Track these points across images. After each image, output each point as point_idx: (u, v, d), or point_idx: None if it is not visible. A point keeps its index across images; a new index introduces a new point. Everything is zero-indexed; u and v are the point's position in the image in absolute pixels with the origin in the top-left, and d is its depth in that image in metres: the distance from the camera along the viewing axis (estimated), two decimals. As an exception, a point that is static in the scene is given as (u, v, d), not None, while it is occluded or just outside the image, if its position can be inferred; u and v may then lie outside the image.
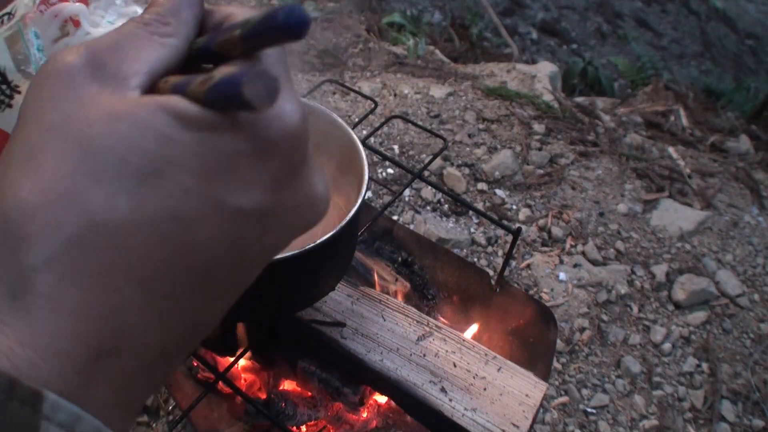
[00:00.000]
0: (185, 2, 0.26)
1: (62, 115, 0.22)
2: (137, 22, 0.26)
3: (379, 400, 0.87)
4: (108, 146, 0.21)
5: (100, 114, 0.22)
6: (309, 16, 0.22)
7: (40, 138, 0.22)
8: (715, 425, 1.39)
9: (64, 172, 0.21)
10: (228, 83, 0.21)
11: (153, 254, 0.22)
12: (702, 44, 4.04)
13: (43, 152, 0.22)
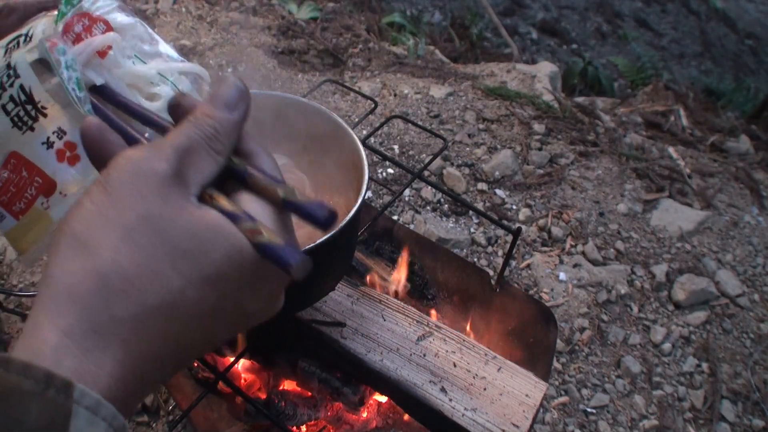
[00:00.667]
0: (235, 128, 0.34)
1: (155, 211, 0.29)
2: (202, 133, 0.33)
3: (379, 400, 0.87)
4: (187, 248, 0.29)
5: (187, 223, 0.30)
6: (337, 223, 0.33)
7: (137, 222, 0.29)
8: (715, 425, 1.38)
9: (156, 258, 0.29)
10: (278, 254, 0.30)
11: (194, 329, 0.31)
12: (702, 44, 4.04)
13: (139, 235, 0.29)
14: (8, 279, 1.45)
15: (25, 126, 0.42)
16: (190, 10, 2.27)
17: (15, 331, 1.36)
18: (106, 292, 0.28)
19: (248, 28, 2.27)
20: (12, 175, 0.42)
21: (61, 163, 0.42)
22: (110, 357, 0.28)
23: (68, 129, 0.42)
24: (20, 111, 0.42)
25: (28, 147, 0.42)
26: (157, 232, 0.29)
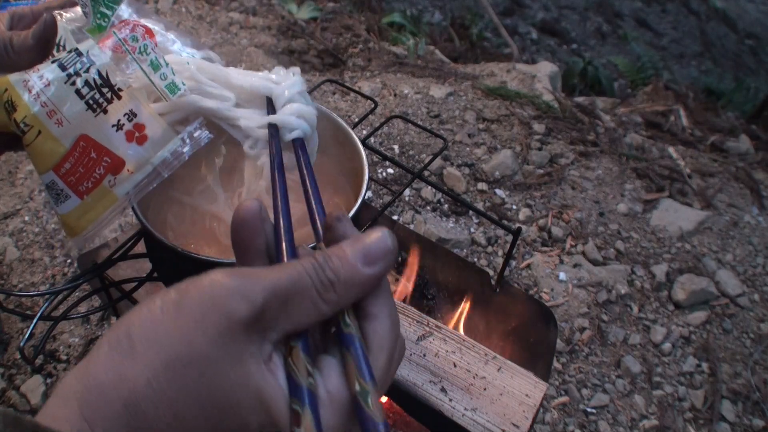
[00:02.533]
0: (363, 283, 0.31)
1: (212, 353, 0.28)
2: (315, 273, 0.30)
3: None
4: (224, 406, 0.28)
5: (233, 378, 0.28)
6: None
7: (188, 358, 0.28)
8: (715, 425, 1.38)
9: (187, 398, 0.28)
10: None
11: None
12: (702, 44, 4.04)
13: (184, 369, 0.28)
14: (8, 279, 1.45)
15: (99, 108, 0.44)
16: (190, 10, 2.27)
17: (15, 331, 1.36)
18: (132, 413, 0.27)
19: (248, 28, 2.27)
20: (81, 157, 0.44)
21: (130, 143, 0.44)
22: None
23: (138, 111, 0.44)
24: (96, 94, 0.43)
25: (99, 130, 0.44)
26: (203, 376, 0.28)
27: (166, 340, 0.28)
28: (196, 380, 0.28)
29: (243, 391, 0.28)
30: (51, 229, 1.55)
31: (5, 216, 1.57)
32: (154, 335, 0.28)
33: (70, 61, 0.44)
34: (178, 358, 0.28)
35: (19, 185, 1.65)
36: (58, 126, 0.44)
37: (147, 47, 0.46)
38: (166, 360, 0.28)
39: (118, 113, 0.44)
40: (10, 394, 1.27)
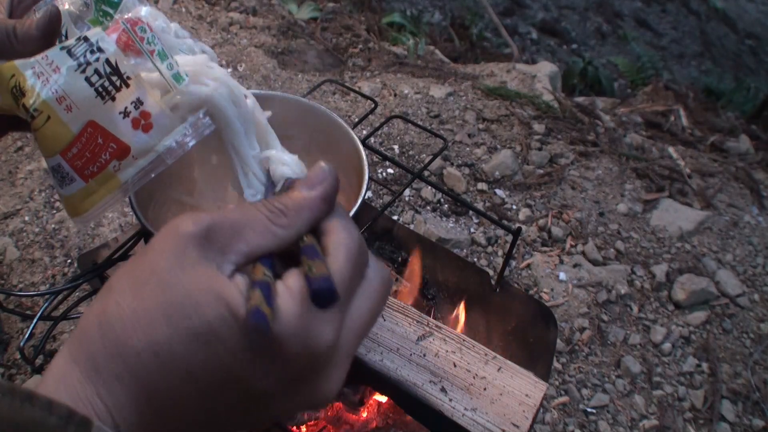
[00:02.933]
0: (310, 206, 0.34)
1: (166, 266, 0.31)
2: (265, 208, 0.34)
3: (379, 400, 0.87)
4: (184, 307, 0.30)
5: (190, 280, 0.30)
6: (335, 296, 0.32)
7: (148, 275, 0.31)
8: (715, 425, 1.38)
9: (151, 308, 0.30)
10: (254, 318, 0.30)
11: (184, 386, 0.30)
12: (702, 44, 4.04)
13: (145, 286, 0.31)
14: (8, 279, 1.45)
15: (108, 96, 0.45)
16: (190, 10, 2.27)
17: (15, 331, 1.36)
18: (103, 331, 0.30)
19: (248, 28, 2.27)
20: (88, 142, 0.46)
21: (136, 130, 0.46)
22: (104, 387, 0.30)
23: (145, 99, 0.46)
24: (105, 82, 0.45)
25: (106, 116, 0.46)
26: (161, 284, 0.30)
27: (131, 271, 0.32)
28: (155, 289, 0.30)
29: (201, 292, 0.30)
30: (51, 229, 1.55)
31: (5, 216, 1.57)
32: (123, 273, 0.32)
33: (80, 50, 0.45)
34: (140, 276, 0.31)
35: (19, 185, 1.65)
36: (68, 112, 0.45)
37: (154, 38, 0.48)
38: (131, 281, 0.31)
39: (125, 101, 0.46)
40: (10, 394, 1.27)
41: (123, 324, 0.30)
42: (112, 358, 0.30)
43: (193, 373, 0.30)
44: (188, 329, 0.30)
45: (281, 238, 0.33)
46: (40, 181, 1.65)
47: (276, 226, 0.33)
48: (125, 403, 0.30)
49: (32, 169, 1.69)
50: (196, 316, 0.30)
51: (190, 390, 0.31)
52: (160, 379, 0.30)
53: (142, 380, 0.30)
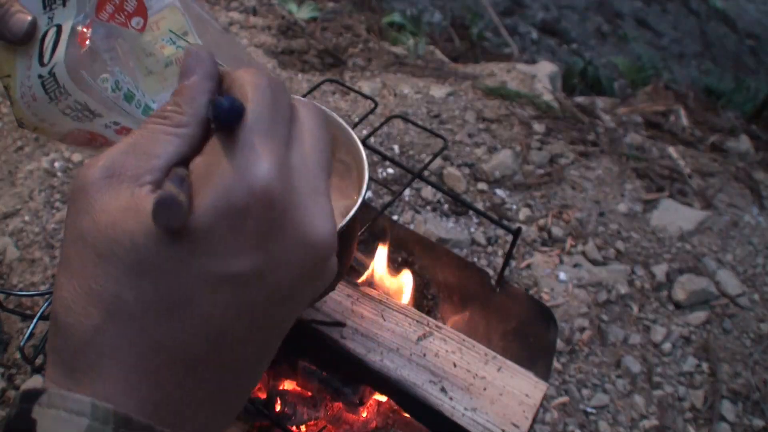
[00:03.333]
0: (199, 89, 0.30)
1: (83, 226, 0.27)
2: (155, 117, 0.30)
3: (379, 400, 0.87)
4: (110, 249, 0.26)
5: (105, 221, 0.27)
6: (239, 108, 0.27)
7: (71, 247, 0.28)
8: (715, 425, 1.38)
9: (86, 274, 0.27)
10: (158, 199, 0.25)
11: (162, 330, 0.26)
12: (702, 44, 4.04)
13: (72, 259, 0.27)
14: (8, 279, 1.45)
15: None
16: (190, 10, 2.27)
17: (15, 331, 1.36)
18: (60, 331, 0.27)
19: (248, 28, 2.27)
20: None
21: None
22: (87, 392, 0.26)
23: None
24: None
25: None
26: (85, 246, 0.27)
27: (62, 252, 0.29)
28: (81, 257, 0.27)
29: (119, 223, 0.26)
30: (51, 229, 1.55)
31: (5, 216, 1.57)
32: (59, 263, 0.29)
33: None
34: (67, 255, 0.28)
35: (19, 185, 1.65)
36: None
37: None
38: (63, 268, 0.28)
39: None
40: (10, 394, 1.27)
41: (71, 311, 0.26)
42: (78, 354, 0.26)
43: (161, 310, 0.26)
44: (124, 268, 0.26)
45: (187, 135, 0.29)
46: (40, 181, 1.65)
47: (175, 125, 0.29)
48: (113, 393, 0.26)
49: (32, 169, 1.69)
50: (122, 250, 0.26)
51: (172, 331, 0.26)
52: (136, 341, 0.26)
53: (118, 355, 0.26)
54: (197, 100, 0.30)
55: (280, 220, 0.27)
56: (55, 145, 1.76)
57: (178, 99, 0.30)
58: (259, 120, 0.27)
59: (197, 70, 0.31)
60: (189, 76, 0.30)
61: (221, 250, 0.26)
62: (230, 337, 0.28)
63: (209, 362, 0.28)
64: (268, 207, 0.26)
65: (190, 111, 0.30)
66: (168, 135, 0.29)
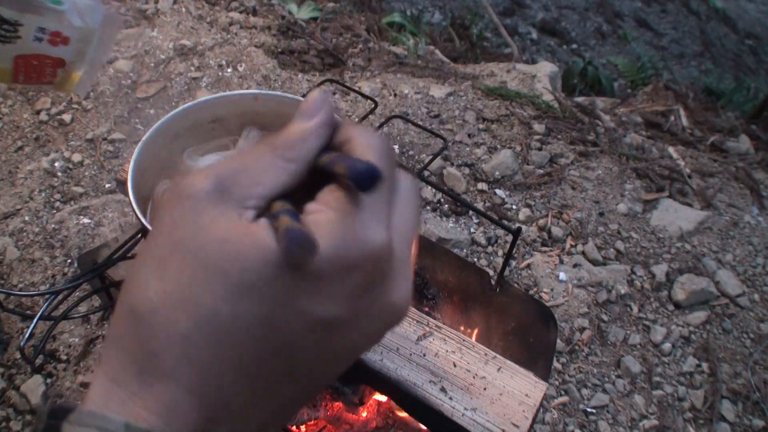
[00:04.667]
0: (314, 132, 0.32)
1: (186, 234, 0.28)
2: (269, 145, 0.31)
3: (379, 400, 0.87)
4: (218, 265, 0.27)
5: (215, 236, 0.27)
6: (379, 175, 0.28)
7: (168, 251, 0.28)
8: (715, 425, 1.38)
9: (183, 281, 0.27)
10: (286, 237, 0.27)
11: (249, 350, 0.27)
12: (702, 44, 4.04)
13: (169, 263, 0.28)
14: (8, 279, 1.45)
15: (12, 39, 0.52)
16: (190, 10, 2.27)
17: (15, 331, 1.36)
18: (139, 330, 0.27)
19: (248, 28, 2.27)
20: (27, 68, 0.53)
21: (55, 47, 0.54)
22: (156, 396, 0.27)
23: (46, 25, 0.53)
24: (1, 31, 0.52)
25: (25, 47, 0.53)
26: (187, 255, 0.27)
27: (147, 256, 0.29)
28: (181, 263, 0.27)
29: (231, 244, 0.27)
30: (51, 229, 1.55)
31: (5, 216, 1.57)
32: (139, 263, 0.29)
33: None
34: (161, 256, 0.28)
35: (19, 185, 1.65)
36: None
37: None
38: (153, 266, 0.28)
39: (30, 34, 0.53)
40: (10, 393, 1.27)
41: (158, 314, 0.27)
42: (158, 357, 0.27)
43: (254, 332, 0.27)
44: (230, 286, 0.27)
45: (294, 171, 0.31)
46: (40, 181, 1.65)
47: (286, 160, 0.31)
48: (181, 403, 0.27)
49: (32, 169, 1.69)
50: (234, 269, 0.27)
51: (258, 352, 0.27)
52: (220, 355, 0.27)
53: (198, 365, 0.27)
54: (311, 142, 0.32)
55: (379, 281, 0.29)
56: (55, 145, 1.76)
57: (293, 136, 0.32)
58: (383, 186, 0.30)
59: (319, 115, 0.32)
60: (310, 118, 0.32)
61: (326, 295, 0.28)
62: (302, 373, 0.30)
63: (275, 392, 0.29)
64: (374, 269, 0.29)
65: (303, 151, 0.31)
66: (278, 166, 0.30)
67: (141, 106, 1.88)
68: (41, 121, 1.81)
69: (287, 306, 0.27)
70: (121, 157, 1.75)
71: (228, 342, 0.27)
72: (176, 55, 2.04)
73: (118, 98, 1.88)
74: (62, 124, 1.81)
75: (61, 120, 1.81)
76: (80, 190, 1.64)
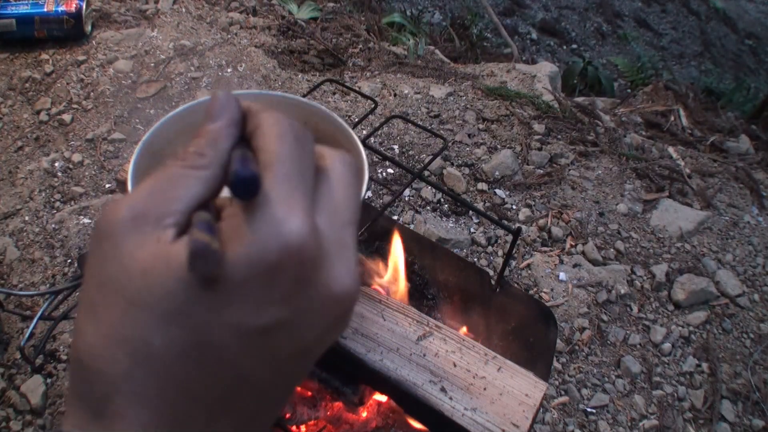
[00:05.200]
0: (221, 133, 0.31)
1: (111, 272, 0.28)
2: (175, 160, 0.30)
3: (379, 400, 0.87)
4: (141, 298, 0.27)
5: (136, 270, 0.27)
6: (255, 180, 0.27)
7: (98, 293, 0.28)
8: (715, 425, 1.38)
9: (114, 321, 0.27)
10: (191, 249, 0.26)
11: (191, 374, 0.27)
12: (702, 44, 4.04)
13: (100, 305, 0.28)
14: (8, 279, 1.45)
15: None
16: (190, 10, 2.27)
17: (15, 331, 1.36)
18: (87, 377, 0.27)
19: (248, 28, 2.27)
20: None
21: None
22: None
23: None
24: None
25: None
26: (114, 294, 0.27)
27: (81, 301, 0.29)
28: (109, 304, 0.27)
29: (148, 272, 0.27)
30: (51, 229, 1.55)
31: (5, 216, 1.57)
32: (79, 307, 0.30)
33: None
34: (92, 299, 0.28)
35: (19, 185, 1.65)
36: None
37: None
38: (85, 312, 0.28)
39: None
40: (10, 394, 1.27)
41: (99, 358, 0.27)
42: (106, 400, 0.27)
43: (189, 355, 0.27)
44: (156, 316, 0.26)
45: (209, 177, 0.30)
46: (40, 181, 1.65)
47: (197, 168, 0.29)
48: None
49: (32, 169, 1.69)
50: (155, 299, 0.26)
51: (200, 374, 0.27)
52: (164, 385, 0.27)
53: (146, 399, 0.27)
54: (220, 143, 0.30)
55: (310, 275, 0.28)
56: (55, 145, 1.76)
57: (201, 141, 0.30)
58: (286, 175, 0.28)
59: (224, 115, 0.31)
60: (214, 120, 0.31)
61: (252, 302, 0.27)
62: (254, 383, 0.29)
63: (232, 407, 0.28)
64: (299, 264, 0.27)
65: (212, 154, 0.30)
66: (188, 178, 0.29)
67: (141, 106, 1.88)
68: (41, 121, 1.81)
69: (216, 322, 0.27)
70: (121, 157, 1.75)
71: (168, 372, 0.27)
72: (176, 55, 2.04)
73: (118, 98, 1.88)
74: (62, 124, 1.81)
75: (61, 120, 1.81)
76: (80, 190, 1.64)
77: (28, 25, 1.94)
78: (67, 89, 1.89)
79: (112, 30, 2.10)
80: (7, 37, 1.96)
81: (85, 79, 1.92)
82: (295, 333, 0.28)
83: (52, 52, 1.99)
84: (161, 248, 0.27)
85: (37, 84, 1.91)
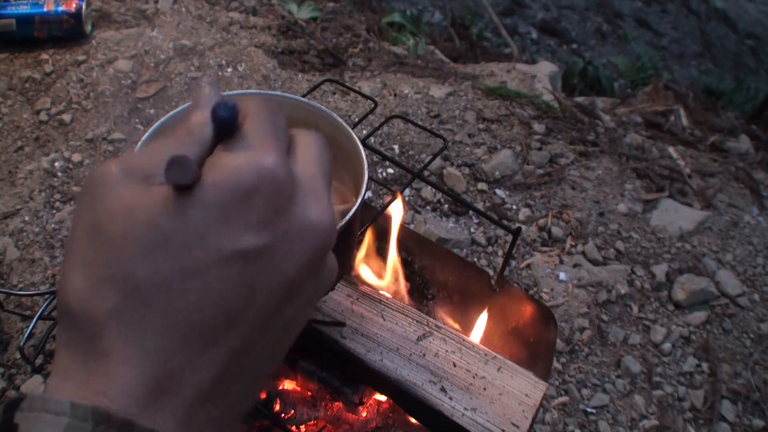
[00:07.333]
0: (208, 122, 0.32)
1: (96, 217, 0.28)
2: (169, 135, 0.32)
3: (379, 400, 0.87)
4: (126, 232, 0.27)
5: (121, 209, 0.28)
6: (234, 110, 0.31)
7: (83, 239, 0.29)
8: (715, 425, 1.38)
9: (101, 262, 0.28)
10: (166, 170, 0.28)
11: (174, 304, 0.27)
12: (702, 44, 4.04)
13: (87, 250, 0.28)
14: (8, 279, 1.45)
15: None
16: (190, 10, 2.27)
17: (15, 331, 1.36)
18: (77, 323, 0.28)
19: (248, 28, 2.27)
20: None
21: None
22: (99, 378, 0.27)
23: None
24: None
25: None
26: (100, 235, 0.28)
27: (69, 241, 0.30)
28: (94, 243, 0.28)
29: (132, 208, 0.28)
30: (51, 229, 1.55)
31: (5, 216, 1.57)
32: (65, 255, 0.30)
33: None
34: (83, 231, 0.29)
35: (19, 185, 1.65)
36: None
37: None
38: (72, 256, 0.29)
39: None
40: (10, 394, 1.27)
41: (88, 301, 0.27)
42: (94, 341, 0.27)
43: (173, 284, 0.27)
44: (140, 248, 0.27)
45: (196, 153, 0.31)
46: (40, 181, 1.65)
47: (187, 144, 0.31)
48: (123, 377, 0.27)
49: (32, 169, 1.69)
50: (139, 231, 0.27)
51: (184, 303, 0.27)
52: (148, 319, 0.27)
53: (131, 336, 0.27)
54: (206, 128, 0.32)
55: (286, 204, 0.29)
56: (55, 145, 1.76)
57: (192, 124, 0.32)
58: (262, 123, 0.31)
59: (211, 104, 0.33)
60: (204, 108, 0.33)
61: (230, 225, 0.27)
62: (242, 319, 0.29)
63: (221, 344, 0.28)
64: (275, 190, 0.28)
65: (200, 133, 0.32)
66: (179, 144, 0.31)
67: (141, 106, 1.88)
68: (41, 121, 1.81)
69: (196, 248, 0.27)
70: (121, 157, 1.75)
71: (152, 303, 0.27)
72: (176, 55, 2.04)
73: (118, 98, 1.88)
74: (62, 124, 1.81)
75: (61, 120, 1.81)
76: (80, 190, 1.64)
77: (28, 25, 1.94)
78: (67, 89, 1.89)
79: (112, 30, 2.10)
80: (6, 37, 1.96)
81: (85, 79, 1.92)
82: (279, 259, 0.29)
83: (52, 52, 1.99)
84: (147, 190, 0.28)
85: (37, 84, 1.91)
